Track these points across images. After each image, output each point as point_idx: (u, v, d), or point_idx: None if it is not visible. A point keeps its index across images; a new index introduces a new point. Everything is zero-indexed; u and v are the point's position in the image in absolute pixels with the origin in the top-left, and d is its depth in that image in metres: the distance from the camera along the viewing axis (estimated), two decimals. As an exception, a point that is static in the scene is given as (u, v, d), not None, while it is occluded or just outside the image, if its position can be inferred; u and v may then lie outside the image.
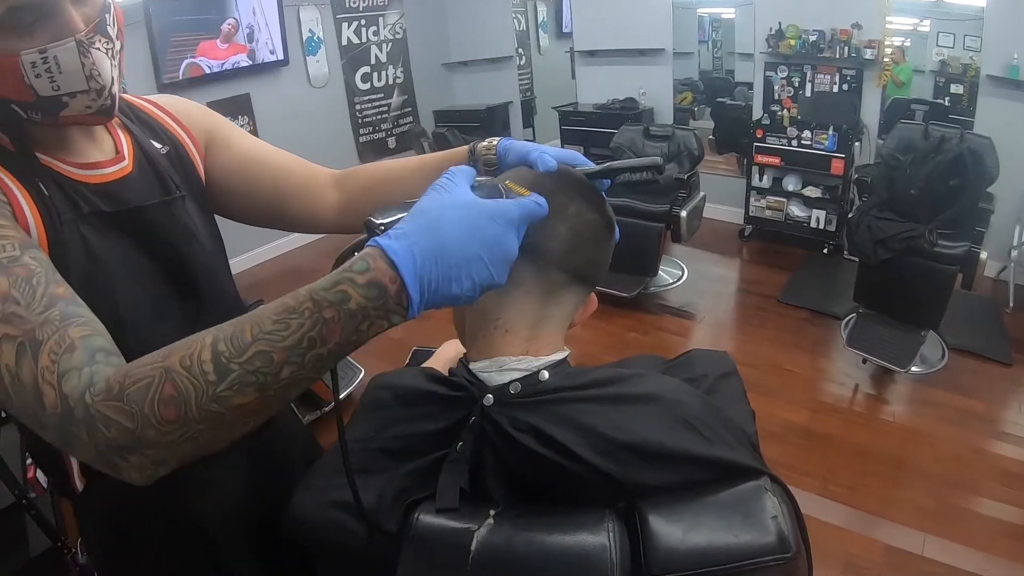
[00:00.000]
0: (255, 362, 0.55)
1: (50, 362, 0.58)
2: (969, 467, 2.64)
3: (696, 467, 0.69)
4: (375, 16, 6.08)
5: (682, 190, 4.13)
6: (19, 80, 0.70)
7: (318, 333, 0.55)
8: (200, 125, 1.02)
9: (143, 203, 0.86)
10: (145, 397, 0.55)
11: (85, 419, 0.56)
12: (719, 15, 6.30)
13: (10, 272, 0.63)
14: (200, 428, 0.56)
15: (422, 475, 0.73)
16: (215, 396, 0.55)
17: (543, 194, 0.71)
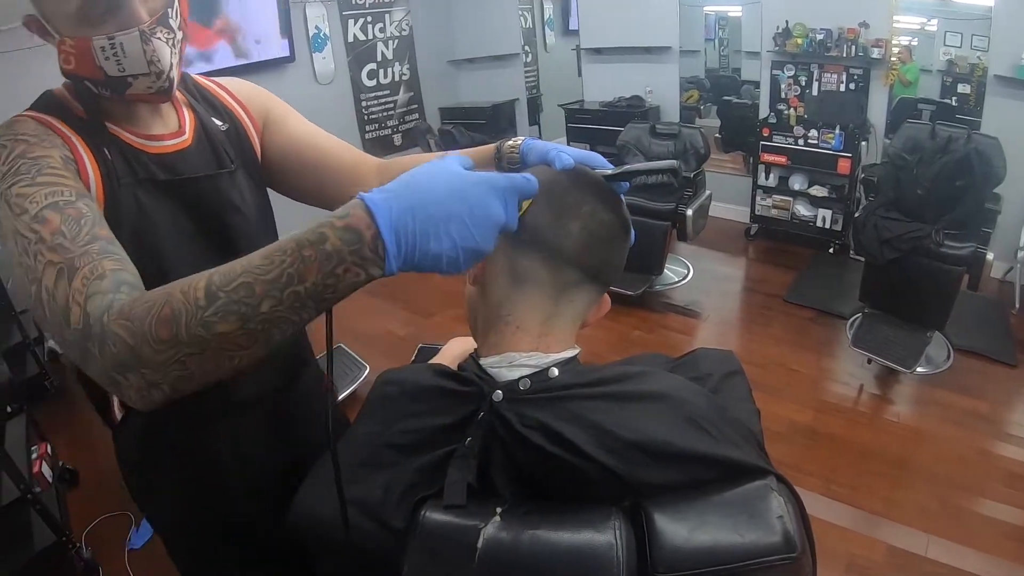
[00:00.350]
0: (239, 292, 0.60)
1: (81, 285, 0.66)
2: (973, 468, 2.63)
3: (702, 466, 0.69)
4: (381, 13, 6.08)
5: (688, 189, 4.13)
6: (91, 61, 0.82)
7: (296, 270, 0.59)
8: (259, 106, 1.13)
9: (195, 174, 0.97)
10: (146, 316, 0.61)
11: (98, 336, 0.63)
12: (726, 13, 6.28)
13: (64, 212, 0.74)
14: (188, 352, 0.60)
15: (430, 471, 0.73)
16: (202, 320, 0.60)
17: (557, 193, 0.74)
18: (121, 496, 2.78)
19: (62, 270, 0.68)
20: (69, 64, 0.85)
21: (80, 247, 0.71)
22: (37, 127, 0.84)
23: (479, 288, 0.83)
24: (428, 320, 4.22)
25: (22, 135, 0.81)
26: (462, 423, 0.76)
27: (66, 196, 0.76)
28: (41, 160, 0.79)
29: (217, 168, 1.01)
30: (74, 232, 0.72)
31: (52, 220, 0.72)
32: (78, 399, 3.82)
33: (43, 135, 0.83)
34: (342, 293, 0.62)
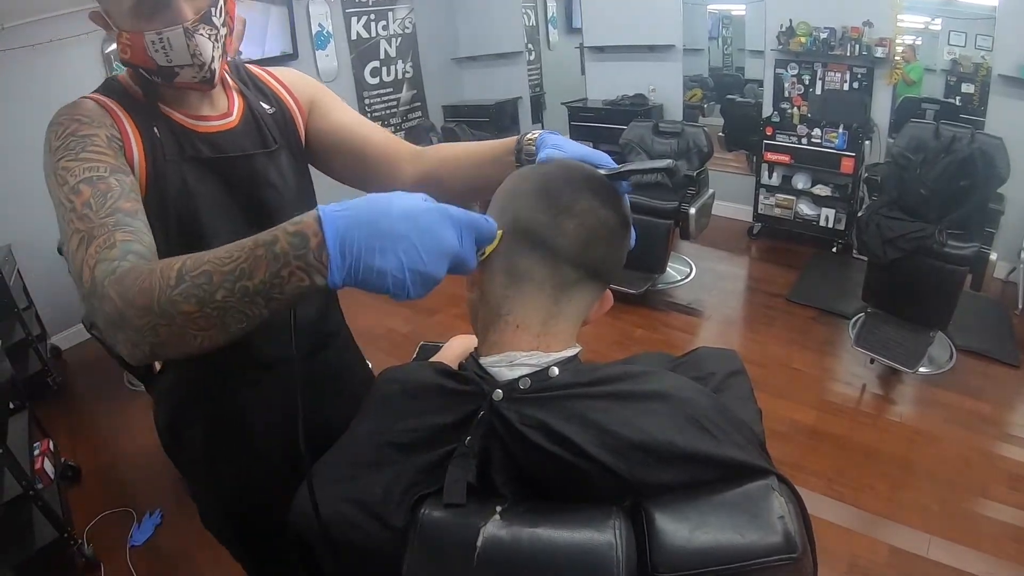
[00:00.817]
0: (200, 278, 0.66)
1: (95, 252, 0.76)
2: (976, 469, 2.63)
3: (704, 466, 0.69)
4: (384, 10, 6.08)
5: (691, 187, 4.12)
6: (143, 52, 0.94)
7: (248, 266, 0.65)
8: (306, 93, 1.24)
9: (236, 153, 1.08)
10: (132, 286, 0.69)
11: (99, 295, 0.72)
12: (729, 12, 6.29)
13: (95, 186, 0.84)
14: (160, 322, 0.67)
15: (430, 469, 0.73)
16: (170, 298, 0.66)
17: (554, 190, 0.75)
18: (123, 493, 2.82)
19: (83, 238, 0.79)
20: (126, 54, 0.96)
21: (100, 219, 0.80)
22: (94, 108, 0.95)
23: (478, 289, 0.83)
24: (430, 318, 4.22)
25: (78, 115, 0.93)
26: (462, 422, 0.75)
27: (100, 172, 0.86)
28: (87, 138, 0.90)
29: (262, 147, 1.12)
30: (99, 204, 0.82)
31: (84, 192, 0.83)
32: (80, 396, 3.84)
33: (97, 116, 0.94)
34: (289, 295, 0.65)
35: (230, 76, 1.15)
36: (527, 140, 1.03)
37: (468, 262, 0.70)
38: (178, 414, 1.22)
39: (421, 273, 0.64)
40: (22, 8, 3.85)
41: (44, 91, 4.07)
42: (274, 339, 1.11)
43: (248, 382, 1.19)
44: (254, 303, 0.66)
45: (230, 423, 1.20)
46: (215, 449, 1.21)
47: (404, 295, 0.65)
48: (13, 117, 3.98)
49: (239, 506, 1.25)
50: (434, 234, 0.65)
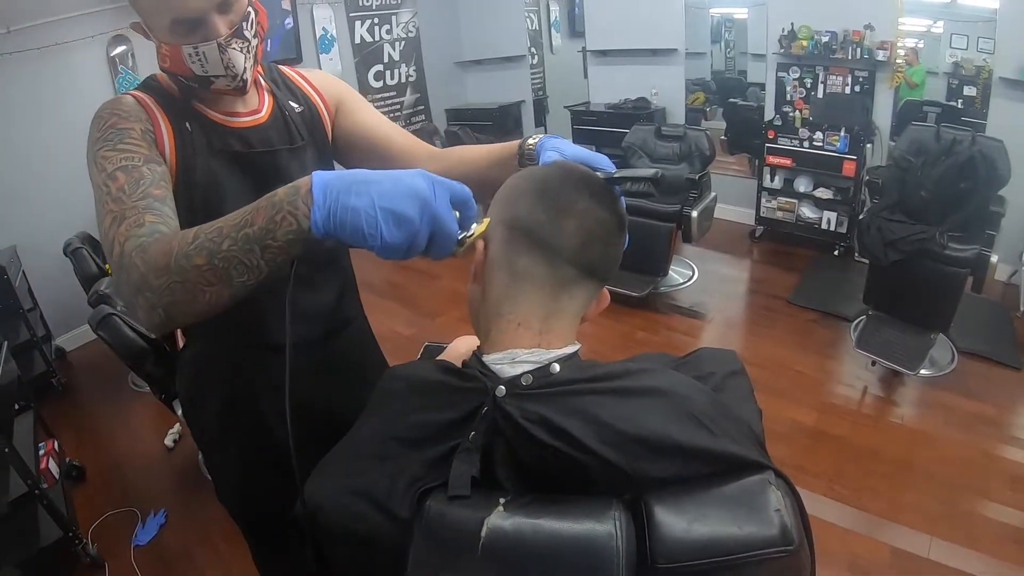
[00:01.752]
0: (212, 233, 0.76)
1: (124, 230, 0.85)
2: (977, 471, 2.63)
3: (702, 460, 0.70)
4: (388, 14, 6.11)
5: (693, 190, 4.14)
6: (182, 62, 1.01)
7: (251, 216, 0.74)
8: (334, 94, 1.31)
9: (263, 148, 1.16)
10: (156, 251, 0.79)
11: (126, 266, 0.81)
12: (732, 15, 6.30)
13: (130, 173, 0.93)
14: (175, 279, 0.76)
15: (435, 464, 0.75)
16: (185, 253, 0.76)
17: (553, 191, 0.79)
18: (127, 493, 2.84)
19: (116, 218, 0.87)
20: (165, 63, 1.04)
21: (133, 202, 0.89)
22: (133, 103, 1.04)
23: (480, 287, 0.85)
24: (432, 321, 4.24)
25: (117, 110, 1.01)
26: (466, 418, 0.77)
27: (135, 161, 0.95)
28: (124, 131, 0.98)
29: (288, 143, 1.20)
30: (132, 190, 0.90)
31: (119, 178, 0.91)
32: (85, 397, 3.86)
33: (134, 111, 1.02)
34: (282, 240, 0.73)
35: (263, 77, 1.23)
36: (528, 144, 1.10)
37: (444, 219, 0.73)
38: (196, 388, 1.31)
39: (392, 211, 0.69)
40: (28, 11, 3.88)
41: (50, 94, 4.11)
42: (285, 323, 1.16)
43: (260, 364, 1.23)
44: (252, 251, 0.74)
45: (242, 402, 1.26)
46: (228, 425, 1.28)
47: (378, 235, 0.69)
48: (19, 119, 4.01)
49: (248, 483, 1.31)
50: (405, 180, 0.71)
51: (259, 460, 1.27)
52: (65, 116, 4.12)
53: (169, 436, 3.21)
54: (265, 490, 1.27)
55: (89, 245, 3.62)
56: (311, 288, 1.26)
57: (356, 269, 1.44)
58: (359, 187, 0.70)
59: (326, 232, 0.71)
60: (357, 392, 1.27)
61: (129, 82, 4.45)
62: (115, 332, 2.28)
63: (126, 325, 2.30)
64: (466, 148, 1.29)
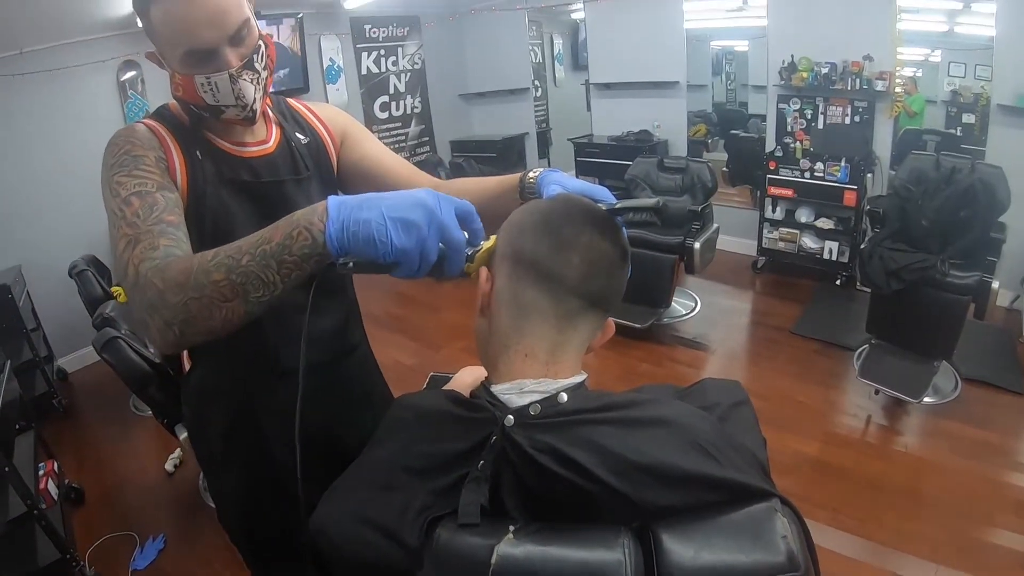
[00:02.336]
0: (231, 250, 0.79)
1: (139, 252, 0.87)
2: (983, 498, 2.61)
3: (708, 489, 0.71)
4: (394, 46, 6.20)
5: (696, 222, 4.16)
6: (194, 91, 1.05)
7: (269, 234, 0.78)
8: (339, 126, 1.35)
9: (270, 179, 1.19)
10: (175, 268, 0.81)
11: (142, 285, 0.83)
12: (732, 48, 6.36)
13: (143, 198, 0.96)
14: (191, 296, 0.78)
15: (444, 493, 0.75)
16: (205, 269, 0.78)
17: (556, 224, 0.81)
18: (126, 516, 2.83)
19: (130, 241, 0.89)
20: (178, 92, 1.07)
21: (147, 226, 0.91)
22: (146, 132, 1.07)
23: (487, 320, 0.86)
24: (436, 353, 4.24)
25: (131, 138, 1.04)
26: (475, 448, 0.78)
27: (148, 187, 0.98)
28: (138, 158, 1.02)
29: (294, 174, 1.23)
30: (146, 215, 0.93)
31: (134, 203, 0.94)
32: (86, 419, 3.86)
33: (147, 139, 1.06)
34: (296, 255, 0.76)
35: (271, 109, 1.26)
36: (529, 177, 1.12)
37: (450, 227, 0.76)
38: (200, 412, 1.32)
39: (400, 219, 0.73)
40: (41, 34, 3.94)
41: (60, 116, 4.17)
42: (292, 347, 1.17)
43: (265, 389, 1.25)
44: (268, 266, 0.77)
45: (246, 426, 1.27)
46: (231, 449, 1.29)
47: (388, 241, 0.73)
48: (29, 140, 4.06)
49: (251, 507, 1.31)
50: (409, 194, 0.76)
51: (262, 485, 1.28)
52: (74, 138, 4.18)
53: (170, 461, 3.20)
54: (268, 515, 1.28)
55: (95, 268, 3.64)
56: (317, 314, 1.26)
57: (361, 300, 1.46)
58: (370, 203, 0.75)
59: (340, 246, 0.75)
60: (360, 417, 1.32)
61: (138, 107, 4.51)
62: (119, 355, 2.29)
63: (130, 348, 2.31)
64: (468, 180, 1.32)
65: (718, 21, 5.71)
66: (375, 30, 6.00)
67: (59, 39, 4.06)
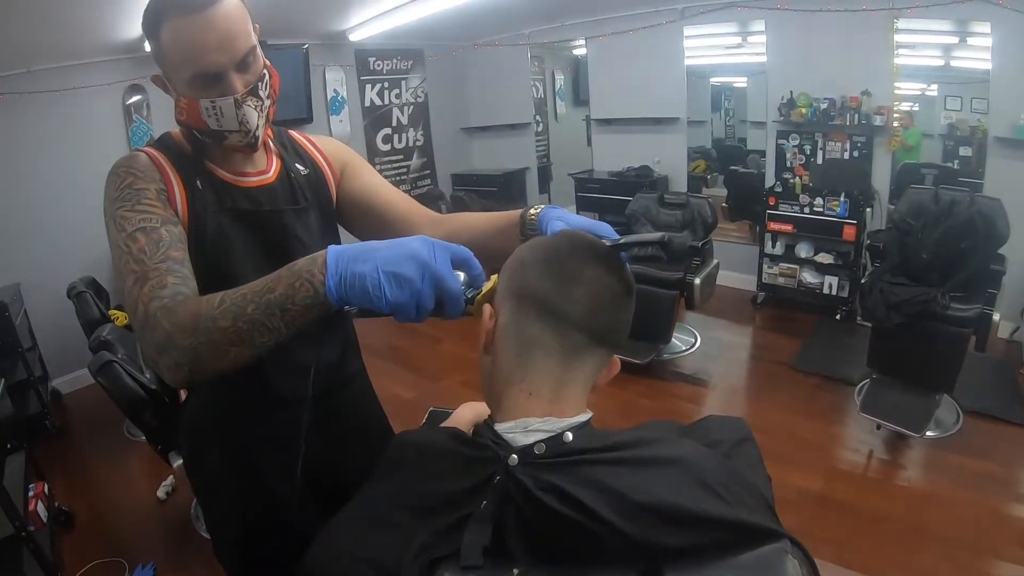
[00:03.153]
0: (237, 298, 0.82)
1: (148, 291, 0.90)
2: (988, 531, 2.58)
3: (716, 529, 0.69)
4: (398, 79, 6.26)
5: (696, 257, 4.16)
6: (198, 115, 1.05)
7: (273, 283, 0.82)
8: (339, 159, 1.37)
9: (270, 208, 1.19)
10: (182, 313, 0.85)
11: (151, 325, 0.86)
12: (732, 84, 6.43)
13: (149, 235, 0.97)
14: (202, 340, 0.82)
15: (445, 533, 0.74)
16: (212, 316, 0.82)
17: (560, 259, 0.81)
18: (116, 542, 2.79)
19: (139, 278, 0.91)
20: (182, 116, 1.08)
21: (154, 264, 0.93)
22: (146, 161, 1.07)
23: (491, 357, 0.85)
24: (435, 384, 4.20)
25: (133, 168, 1.05)
26: (478, 487, 0.76)
27: (153, 223, 0.99)
28: (141, 192, 1.02)
29: (293, 204, 1.23)
30: (153, 251, 0.95)
31: (140, 240, 0.96)
32: (78, 442, 3.83)
33: (148, 169, 1.06)
34: (301, 305, 0.80)
35: (272, 141, 1.27)
36: (531, 214, 1.13)
37: (445, 278, 0.80)
38: (197, 441, 1.31)
39: (393, 273, 0.77)
40: (49, 53, 3.96)
41: (63, 137, 4.19)
42: (289, 378, 1.23)
43: (262, 419, 1.25)
44: (273, 314, 0.81)
45: (243, 457, 1.26)
46: (228, 480, 1.27)
47: (381, 295, 0.77)
48: (33, 159, 4.08)
49: (248, 539, 1.29)
50: (405, 245, 0.80)
51: (260, 516, 1.26)
52: (79, 159, 4.19)
53: (162, 488, 3.17)
54: (265, 547, 1.26)
55: (93, 289, 3.64)
56: (315, 344, 1.26)
57: (362, 332, 1.45)
58: (365, 255, 0.78)
59: (339, 297, 0.78)
60: (358, 448, 1.33)
61: (143, 132, 4.54)
62: (115, 380, 2.28)
63: (126, 373, 2.30)
64: (468, 215, 1.33)
65: (718, 58, 5.79)
66: (379, 62, 6.07)
67: (67, 60, 4.09)
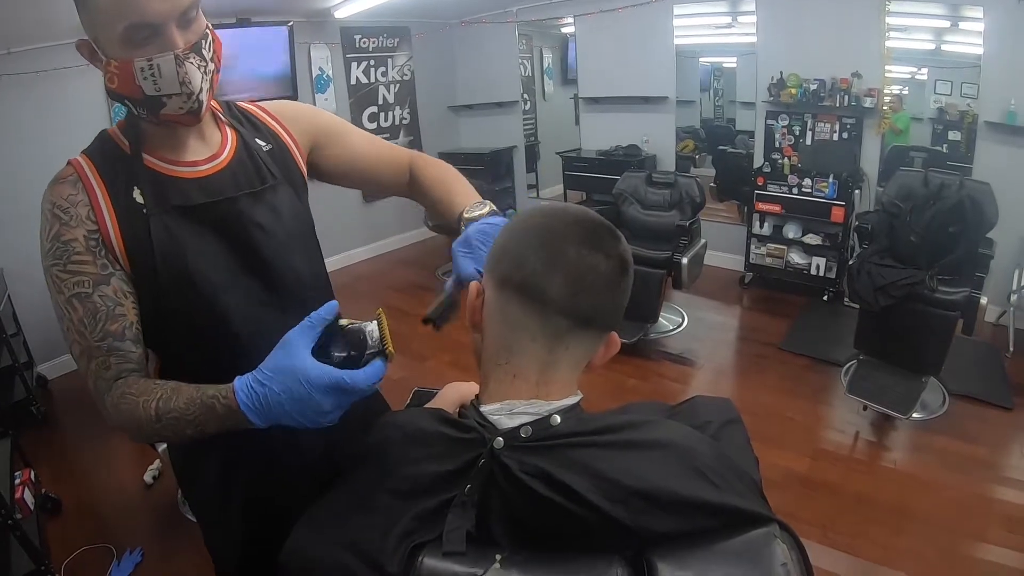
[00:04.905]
0: (171, 422, 0.90)
1: (95, 369, 0.96)
2: (972, 513, 2.61)
3: (705, 514, 0.68)
4: (384, 57, 6.20)
5: (683, 237, 4.16)
6: (131, 81, 0.94)
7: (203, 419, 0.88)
8: (305, 124, 1.28)
9: (227, 195, 1.09)
10: (125, 416, 0.94)
11: (103, 408, 0.97)
12: (721, 64, 6.40)
13: (84, 303, 0.96)
14: (153, 435, 0.94)
15: (428, 517, 0.73)
16: (152, 430, 0.92)
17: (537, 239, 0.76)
18: (104, 529, 2.77)
19: (83, 352, 0.96)
20: (113, 83, 0.96)
21: (95, 341, 0.96)
22: (70, 187, 1.00)
23: (480, 335, 0.83)
24: (422, 364, 4.18)
25: (58, 206, 0.98)
26: (462, 470, 0.75)
27: (86, 287, 0.96)
28: (69, 245, 0.97)
29: (259, 184, 1.14)
30: (91, 326, 0.96)
31: (78, 309, 0.96)
32: (64, 428, 3.80)
33: (71, 205, 0.98)
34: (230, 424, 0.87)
35: (223, 115, 1.17)
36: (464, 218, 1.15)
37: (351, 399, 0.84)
38: (190, 459, 1.25)
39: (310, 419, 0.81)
40: (31, 34, 3.89)
41: (45, 119, 4.12)
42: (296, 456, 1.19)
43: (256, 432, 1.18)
44: (209, 429, 0.89)
45: (242, 466, 1.20)
46: (226, 491, 1.21)
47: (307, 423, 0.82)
48: (13, 142, 4.02)
49: (249, 550, 1.23)
50: (308, 403, 0.80)
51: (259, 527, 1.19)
52: (61, 141, 4.02)
53: (149, 472, 3.15)
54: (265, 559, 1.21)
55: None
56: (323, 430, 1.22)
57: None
58: (276, 411, 0.82)
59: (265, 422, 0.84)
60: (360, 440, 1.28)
61: (124, 114, 4.46)
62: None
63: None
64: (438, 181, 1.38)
65: (707, 37, 5.76)
66: (365, 40, 6.00)
67: (48, 40, 4.00)
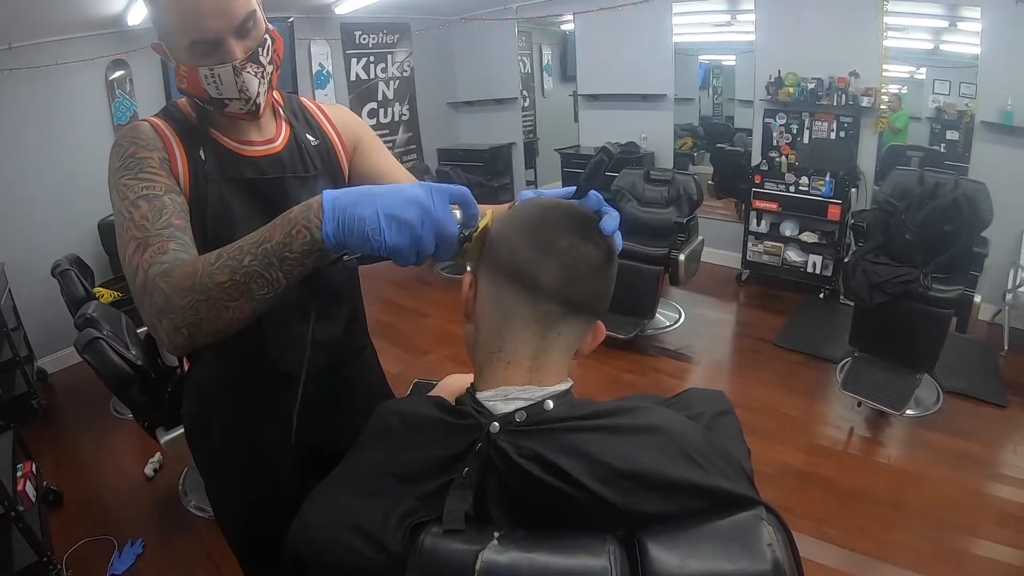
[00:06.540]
0: (233, 251, 0.83)
1: (149, 257, 0.90)
2: (965, 509, 2.63)
3: (694, 496, 0.71)
4: (384, 53, 6.20)
5: (681, 234, 4.17)
6: (198, 83, 1.05)
7: (269, 233, 0.82)
8: (351, 132, 1.36)
9: (274, 175, 1.19)
10: (180, 272, 0.85)
11: (150, 290, 0.86)
12: (720, 63, 6.42)
13: (152, 202, 0.98)
14: (199, 298, 0.82)
15: (429, 499, 0.75)
16: (209, 272, 0.82)
17: (532, 230, 0.79)
18: (105, 520, 2.79)
19: (139, 245, 0.92)
20: (182, 84, 1.07)
21: (156, 230, 0.94)
22: (149, 131, 1.09)
23: (472, 325, 0.85)
24: (421, 359, 4.21)
25: (136, 138, 1.06)
26: (460, 454, 0.77)
27: (156, 191, 1.00)
28: (144, 160, 1.03)
29: (302, 171, 1.23)
30: (155, 218, 0.96)
31: (142, 207, 0.97)
32: (65, 421, 3.81)
33: (151, 139, 1.08)
34: (297, 252, 0.80)
35: (283, 108, 1.27)
36: None
37: (443, 222, 0.78)
38: (200, 413, 1.31)
39: (394, 217, 0.76)
40: (32, 29, 3.90)
41: (46, 114, 4.13)
42: (293, 353, 1.18)
43: (266, 393, 1.24)
44: (271, 264, 0.81)
45: (246, 430, 1.27)
46: (231, 453, 1.28)
47: (381, 240, 0.76)
48: (14, 137, 4.02)
49: (247, 510, 1.30)
50: (403, 191, 0.78)
51: (262, 490, 1.26)
52: (62, 136, 4.15)
53: (150, 465, 3.17)
54: (267, 520, 1.23)
55: (78, 268, 3.60)
56: (322, 317, 1.25)
57: None
58: (364, 199, 0.77)
59: (336, 241, 0.77)
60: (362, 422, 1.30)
61: (126, 107, 4.49)
62: (101, 357, 2.26)
63: (112, 350, 2.28)
64: None
65: (706, 36, 5.78)
66: (365, 36, 6.01)
67: (49, 35, 4.02)
